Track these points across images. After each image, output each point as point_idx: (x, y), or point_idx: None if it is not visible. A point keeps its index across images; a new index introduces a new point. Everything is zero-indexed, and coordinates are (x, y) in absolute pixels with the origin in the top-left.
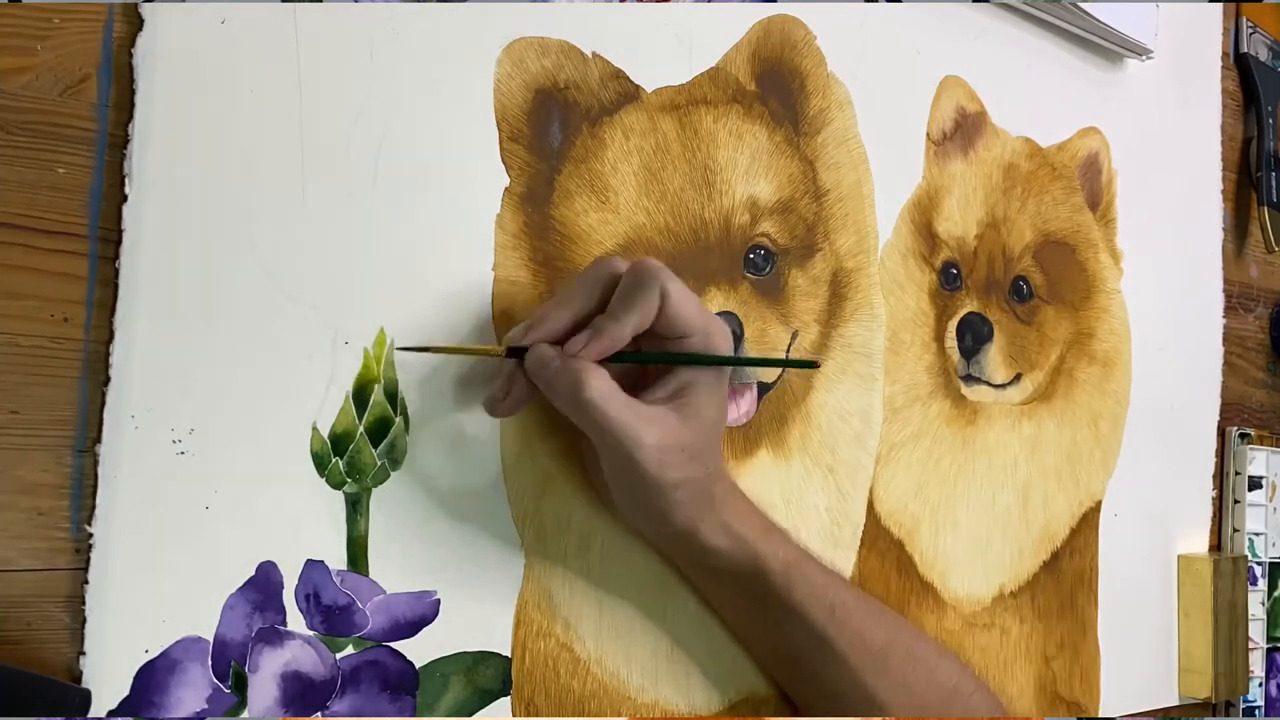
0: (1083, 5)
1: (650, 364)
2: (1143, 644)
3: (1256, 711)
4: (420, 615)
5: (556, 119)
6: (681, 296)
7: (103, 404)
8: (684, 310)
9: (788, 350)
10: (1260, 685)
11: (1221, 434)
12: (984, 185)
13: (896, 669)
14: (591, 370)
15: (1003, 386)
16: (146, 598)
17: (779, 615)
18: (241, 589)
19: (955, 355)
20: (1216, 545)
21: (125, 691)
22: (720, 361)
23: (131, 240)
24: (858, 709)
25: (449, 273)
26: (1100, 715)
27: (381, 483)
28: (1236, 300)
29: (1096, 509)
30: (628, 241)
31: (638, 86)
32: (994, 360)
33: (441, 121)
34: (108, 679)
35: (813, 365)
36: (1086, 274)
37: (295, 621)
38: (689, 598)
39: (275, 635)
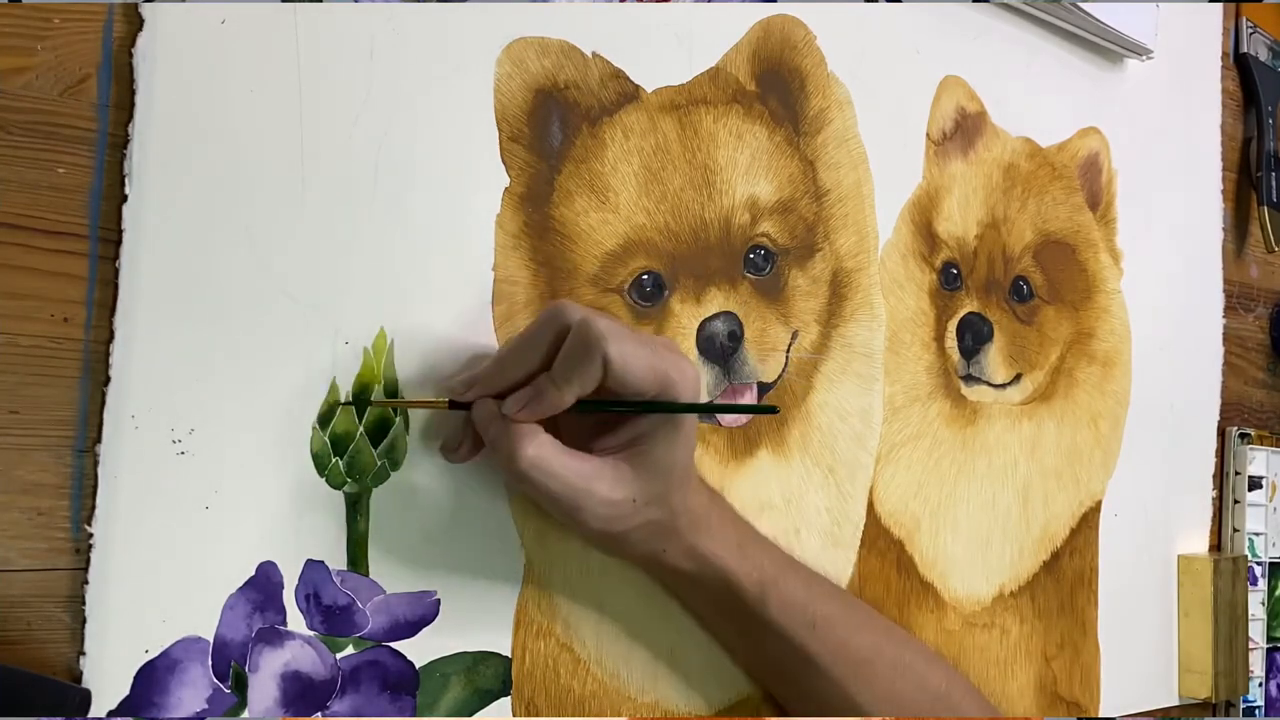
0: (1083, 5)
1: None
2: (1143, 644)
3: (1256, 711)
4: (420, 615)
5: (556, 119)
6: (626, 360)
7: (103, 404)
8: (631, 373)
9: (788, 350)
10: (1260, 685)
11: (1221, 434)
12: (984, 185)
13: (883, 679)
14: (526, 436)
15: (1003, 386)
16: (146, 598)
17: (757, 630)
18: (241, 589)
19: (955, 355)
20: (1216, 545)
21: (125, 691)
22: (668, 409)
23: (131, 240)
24: (843, 714)
25: (449, 273)
26: (1100, 715)
27: (381, 483)
28: (1236, 300)
29: (1096, 509)
30: (628, 241)
31: (638, 86)
32: (994, 360)
33: (441, 121)
34: (108, 679)
35: (772, 411)
36: (1086, 274)
37: (295, 621)
38: None
39: (275, 635)
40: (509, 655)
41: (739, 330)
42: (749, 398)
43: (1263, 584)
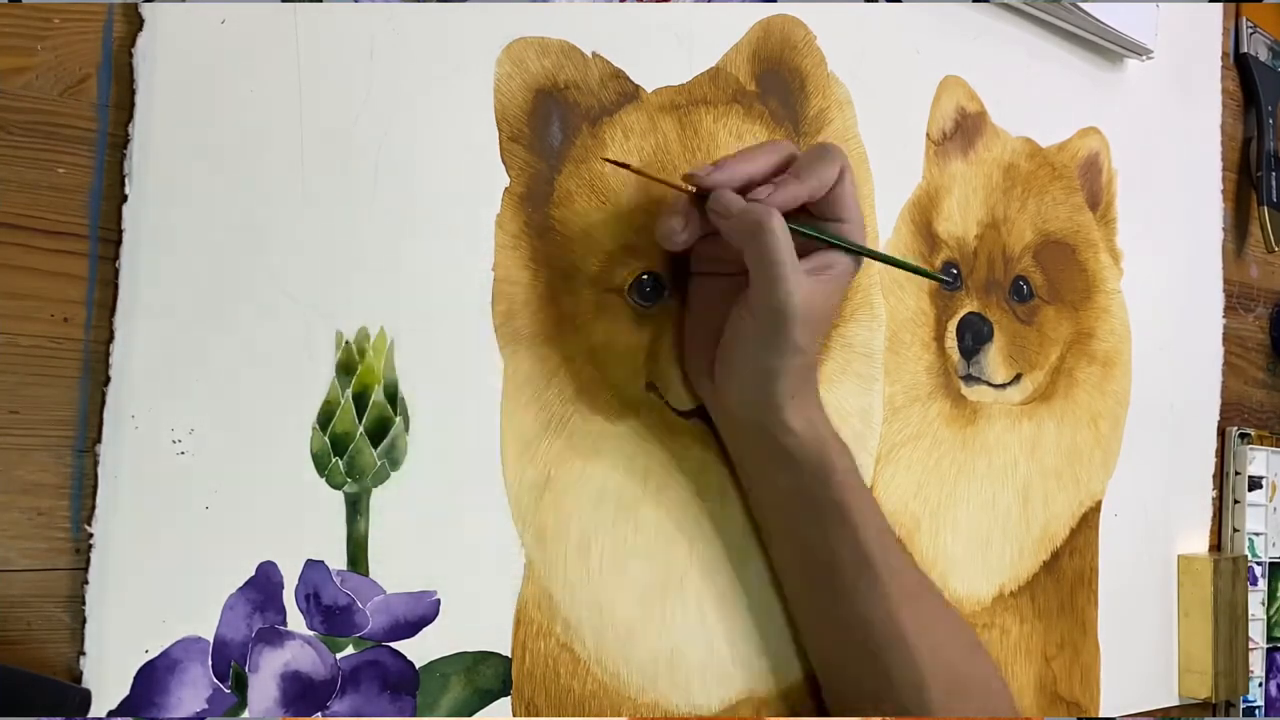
0: (1083, 5)
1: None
2: (1143, 644)
3: (1256, 711)
4: (420, 615)
5: (556, 119)
6: (851, 181)
7: (103, 404)
8: (849, 193)
9: None
10: (1260, 685)
11: (1221, 434)
12: (984, 185)
13: (925, 612)
14: (774, 213)
15: (1003, 386)
16: (146, 598)
17: (831, 518)
18: (241, 589)
19: (955, 355)
20: (1216, 545)
21: (125, 691)
22: (867, 254)
23: (131, 240)
24: (883, 642)
25: (449, 273)
26: (1100, 715)
27: (381, 483)
28: (1236, 300)
29: (1096, 509)
30: (628, 242)
31: (638, 86)
32: (994, 360)
33: (441, 121)
34: (108, 679)
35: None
36: (1086, 274)
37: (295, 621)
38: (689, 598)
39: (275, 635)
40: (509, 655)
41: None
42: None
43: (1263, 584)
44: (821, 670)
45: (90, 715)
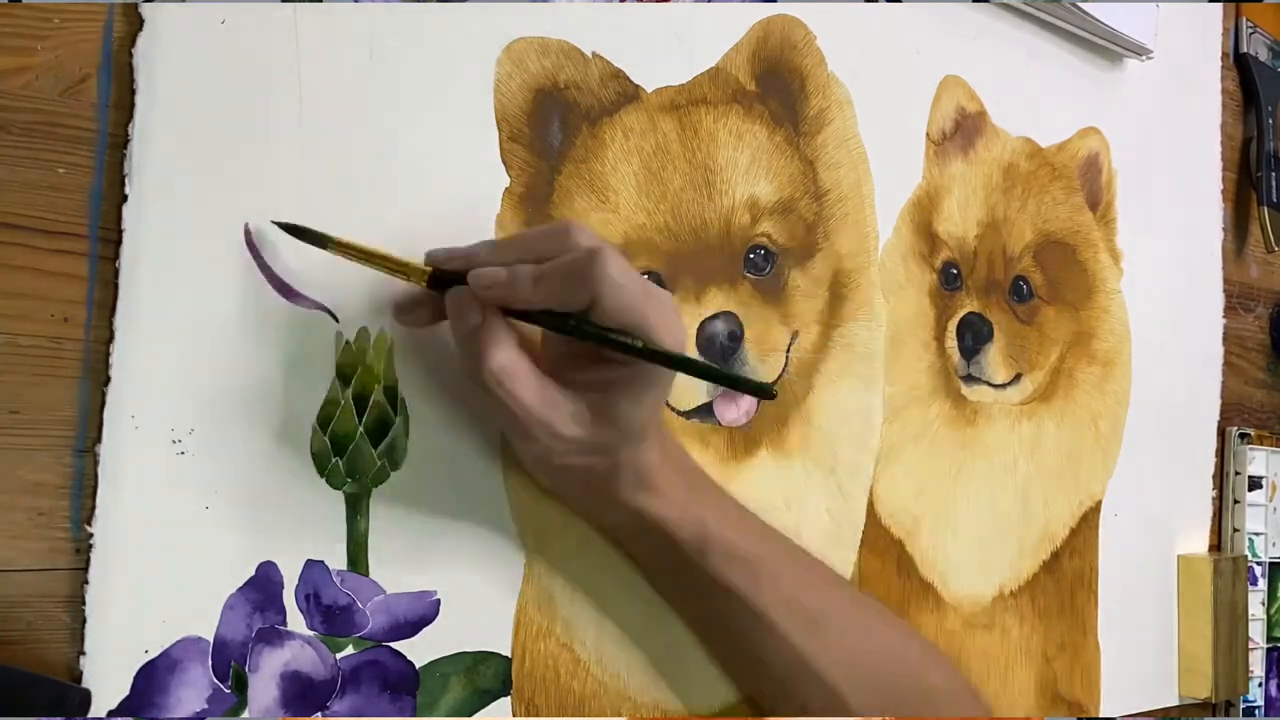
0: (1082, 5)
1: (581, 340)
2: (1143, 644)
3: (1256, 711)
4: (420, 615)
5: (556, 119)
6: (617, 298)
7: (103, 404)
8: (620, 304)
9: (788, 350)
10: (1260, 685)
11: (1221, 434)
12: (984, 185)
13: (838, 637)
14: (498, 342)
15: (1003, 386)
16: (146, 598)
17: (698, 584)
18: (241, 589)
19: (955, 355)
20: (1216, 545)
21: (125, 691)
22: (663, 361)
23: (131, 240)
24: (792, 675)
25: None
26: (1100, 715)
27: (381, 483)
28: (1236, 300)
29: (1096, 509)
30: (627, 241)
31: (638, 86)
32: (994, 360)
33: (441, 121)
34: (108, 679)
35: (767, 394)
36: (1086, 274)
37: (295, 621)
38: None
39: (275, 635)
40: (509, 655)
41: (739, 330)
42: (749, 399)
43: (1263, 584)
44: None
45: (90, 715)
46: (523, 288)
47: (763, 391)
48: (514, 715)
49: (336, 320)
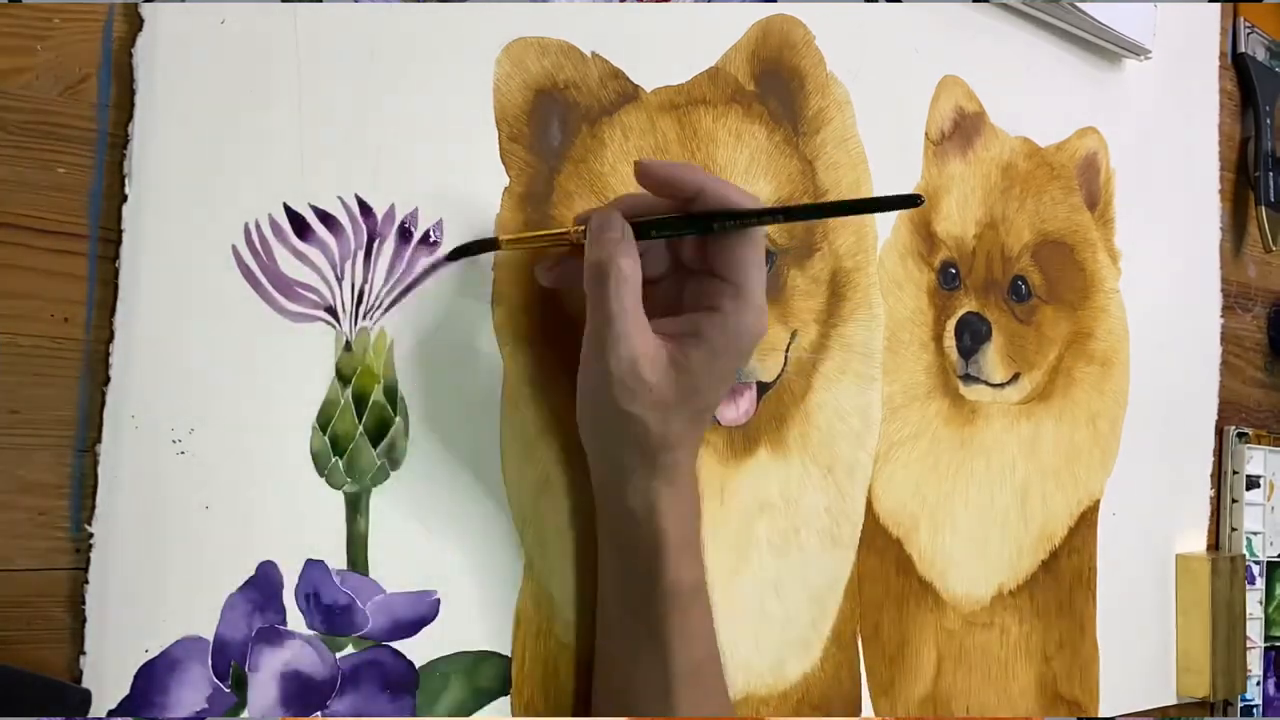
0: (1081, 5)
1: (684, 287)
2: (1141, 643)
3: (1254, 710)
4: (420, 615)
5: (556, 119)
6: (719, 182)
7: (103, 404)
8: (722, 188)
9: (786, 349)
10: (1258, 684)
11: (1219, 433)
12: (982, 185)
13: (702, 698)
14: (633, 250)
15: (1001, 386)
16: (146, 598)
17: (648, 640)
18: (241, 589)
19: (954, 355)
20: (1214, 544)
21: (125, 691)
22: (776, 215)
23: (131, 240)
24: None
25: (449, 273)
26: (1099, 714)
27: (381, 483)
28: (1234, 300)
29: (1095, 508)
30: None
31: (637, 86)
32: (992, 360)
33: (441, 121)
34: (108, 679)
35: (914, 202)
36: (1085, 274)
37: (295, 621)
38: None
39: (275, 635)
40: (509, 655)
41: None
42: (748, 397)
43: (1260, 583)
44: None
45: (90, 715)
46: (639, 197)
47: (910, 202)
48: (513, 715)
49: (337, 321)
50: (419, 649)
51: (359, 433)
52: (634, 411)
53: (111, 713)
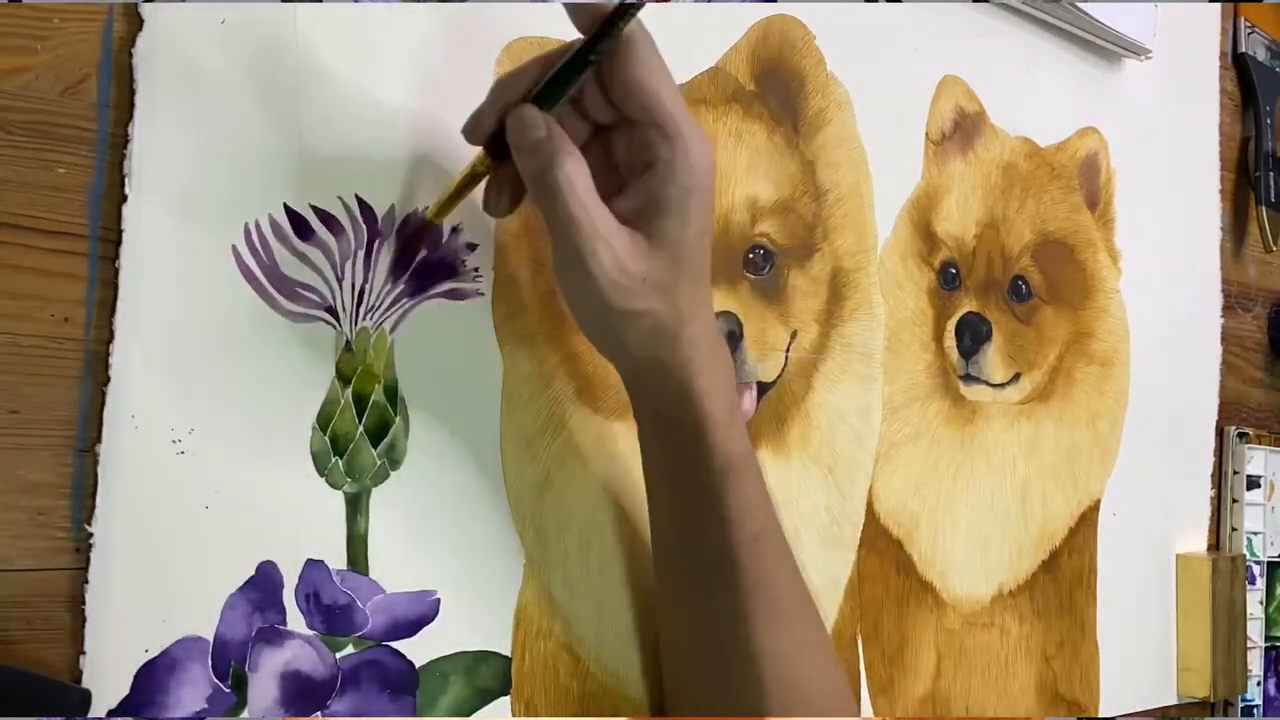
0: (1081, 5)
1: (614, 151)
2: (1141, 643)
3: (1255, 711)
4: (420, 615)
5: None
6: (650, 58)
7: (103, 404)
8: (652, 83)
9: (787, 349)
10: (1258, 684)
11: (1220, 433)
12: (983, 185)
13: (789, 634)
14: (568, 146)
15: (1001, 386)
16: (146, 598)
17: (705, 512)
18: (241, 589)
19: (954, 355)
20: (1215, 544)
21: (125, 691)
22: None
23: (131, 240)
24: (734, 662)
25: (449, 273)
26: (1099, 714)
27: (381, 483)
28: (1235, 300)
29: (1095, 508)
30: None
31: None
32: (993, 360)
33: (442, 121)
34: (108, 679)
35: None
36: (1085, 274)
37: (295, 621)
38: None
39: (275, 635)
40: (509, 655)
41: (738, 330)
42: (748, 398)
43: (1261, 583)
44: (671, 675)
45: (90, 715)
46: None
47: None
48: (513, 715)
49: (337, 321)
50: (419, 649)
51: (359, 433)
52: (638, 307)
53: (111, 713)
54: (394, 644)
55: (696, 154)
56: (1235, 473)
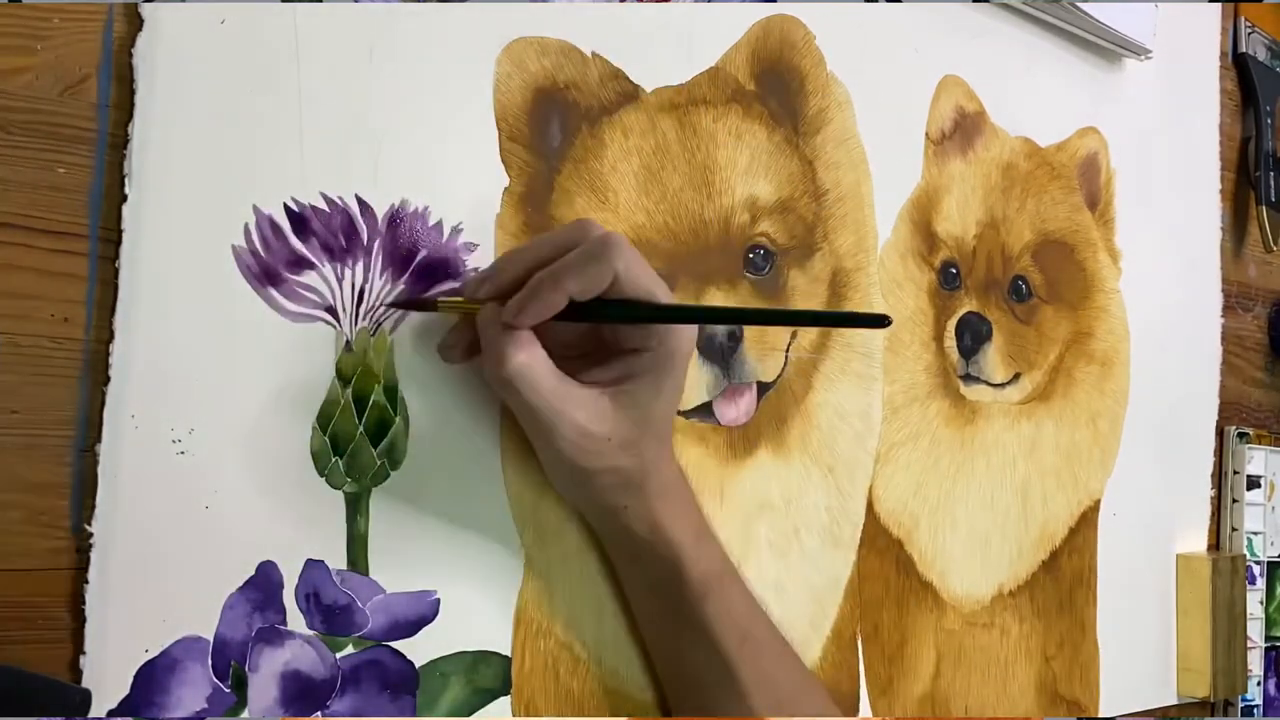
0: (1081, 5)
1: (601, 332)
2: (1141, 643)
3: (1255, 710)
4: (420, 615)
5: (556, 119)
6: (635, 275)
7: (103, 404)
8: (639, 277)
9: (787, 349)
10: (1259, 684)
11: (1220, 433)
12: (983, 185)
13: (755, 653)
14: (520, 342)
15: (1002, 386)
16: (146, 598)
17: (690, 630)
18: (241, 589)
19: (954, 355)
20: (1215, 544)
21: (125, 691)
22: (675, 317)
23: (131, 240)
24: (720, 687)
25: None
26: (1099, 714)
27: (381, 483)
28: (1235, 300)
29: (1095, 508)
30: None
31: (637, 86)
32: (993, 360)
33: (441, 121)
34: (108, 679)
35: (883, 323)
36: (1085, 273)
37: (295, 621)
38: None
39: (275, 635)
40: (509, 655)
41: (738, 330)
42: (749, 397)
43: (1261, 583)
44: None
45: (90, 715)
46: (546, 292)
47: (878, 323)
48: (513, 715)
49: (337, 321)
50: (419, 649)
51: (359, 433)
52: (602, 466)
53: (111, 713)
54: (394, 644)
55: (684, 343)
56: (1235, 473)
